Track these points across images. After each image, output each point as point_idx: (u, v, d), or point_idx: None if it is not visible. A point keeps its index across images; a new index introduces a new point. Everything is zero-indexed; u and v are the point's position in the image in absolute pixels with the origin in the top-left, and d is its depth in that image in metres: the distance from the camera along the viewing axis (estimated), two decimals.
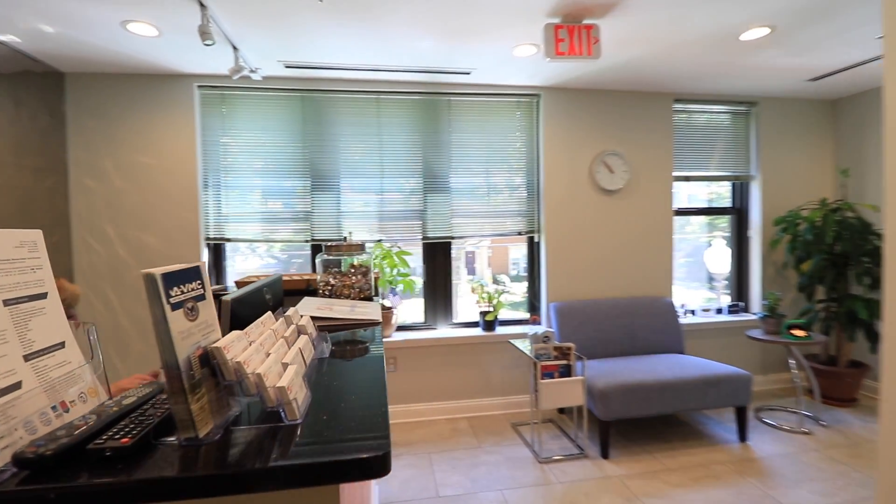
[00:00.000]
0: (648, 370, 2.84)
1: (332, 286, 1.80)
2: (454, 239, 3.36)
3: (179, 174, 3.00)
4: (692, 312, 3.77)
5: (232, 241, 3.14)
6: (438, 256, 3.43)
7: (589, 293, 3.48)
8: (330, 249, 1.87)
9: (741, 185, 3.86)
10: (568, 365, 2.72)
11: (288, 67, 2.86)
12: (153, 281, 0.64)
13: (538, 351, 2.72)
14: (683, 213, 3.82)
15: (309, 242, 3.19)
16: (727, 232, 3.94)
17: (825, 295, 3.46)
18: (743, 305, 3.85)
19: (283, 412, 0.72)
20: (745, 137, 3.75)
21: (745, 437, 2.86)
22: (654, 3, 2.17)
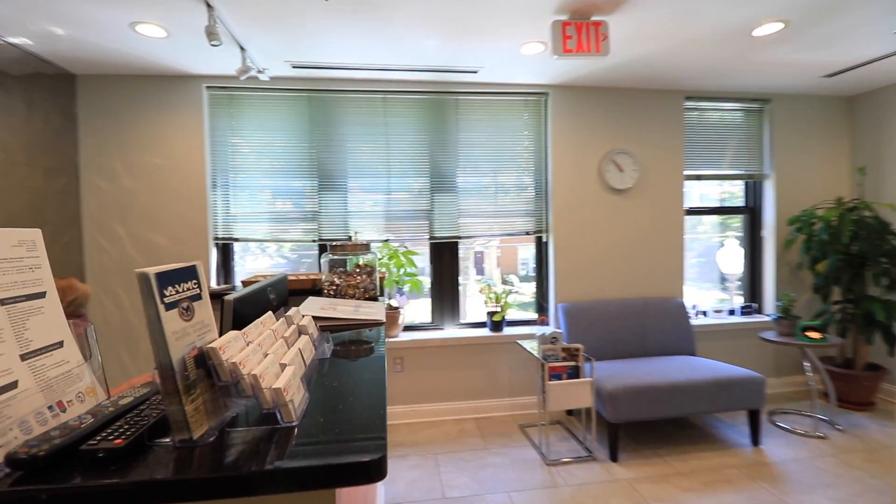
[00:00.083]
0: (659, 372, 2.79)
1: (336, 286, 1.79)
2: (461, 239, 3.35)
3: (188, 174, 3.02)
4: (704, 313, 3.71)
5: (240, 240, 3.15)
6: (445, 256, 3.41)
7: (598, 294, 3.44)
8: (335, 249, 1.87)
9: (754, 183, 3.79)
10: (576, 366, 2.68)
11: (295, 68, 2.87)
12: (147, 280, 0.63)
13: (546, 352, 2.69)
14: (695, 212, 3.76)
15: (316, 242, 3.20)
16: (740, 232, 3.87)
17: (841, 296, 3.38)
18: (756, 307, 3.78)
19: (279, 414, 0.71)
20: (758, 135, 3.68)
21: (757, 441, 2.80)
22: None
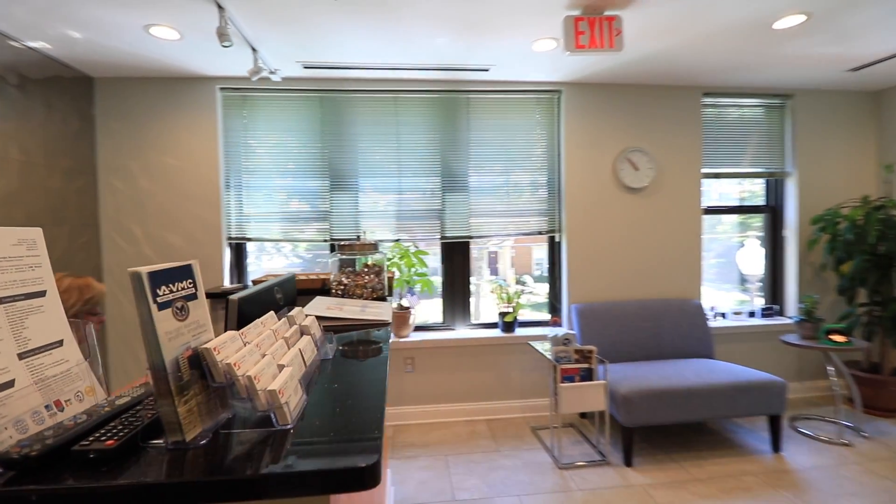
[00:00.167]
0: (675, 375, 2.73)
1: (344, 286, 1.78)
2: (472, 238, 3.32)
3: (202, 175, 3.05)
4: (722, 315, 3.61)
5: (252, 240, 3.18)
6: (457, 256, 3.39)
7: (612, 295, 3.37)
8: (343, 249, 1.86)
9: (776, 182, 3.68)
10: (589, 368, 2.63)
11: (306, 68, 2.88)
12: (139, 279, 0.62)
13: (558, 353, 2.65)
14: (713, 211, 3.66)
15: (328, 242, 3.20)
16: (761, 231, 3.76)
17: (867, 298, 3.26)
18: (777, 309, 3.66)
19: (273, 417, 0.70)
20: (779, 132, 3.57)
21: (778, 447, 2.71)
22: None
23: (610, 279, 3.37)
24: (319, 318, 1.23)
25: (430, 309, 3.51)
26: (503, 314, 3.31)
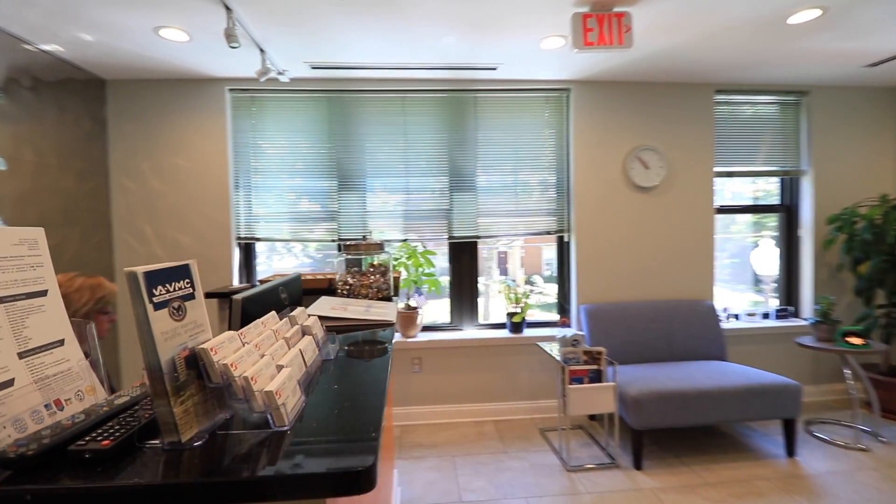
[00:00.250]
0: (686, 377, 2.68)
1: (350, 286, 1.78)
2: (480, 238, 3.30)
3: (212, 175, 3.08)
4: (735, 317, 3.54)
5: (261, 240, 3.19)
6: (465, 256, 3.37)
7: (622, 295, 3.33)
8: (349, 249, 1.86)
9: (790, 180, 3.60)
10: (598, 370, 2.60)
11: (314, 69, 2.88)
12: (135, 279, 0.62)
13: (566, 355, 2.62)
14: (726, 210, 3.60)
15: (336, 242, 3.21)
16: (775, 231, 3.69)
17: (886, 300, 3.18)
18: (792, 310, 3.59)
19: (270, 418, 0.69)
20: (794, 129, 3.50)
21: (793, 451, 2.65)
22: None
23: (620, 279, 3.33)
24: (322, 318, 1.22)
25: (437, 309, 3.50)
26: (511, 314, 3.28)
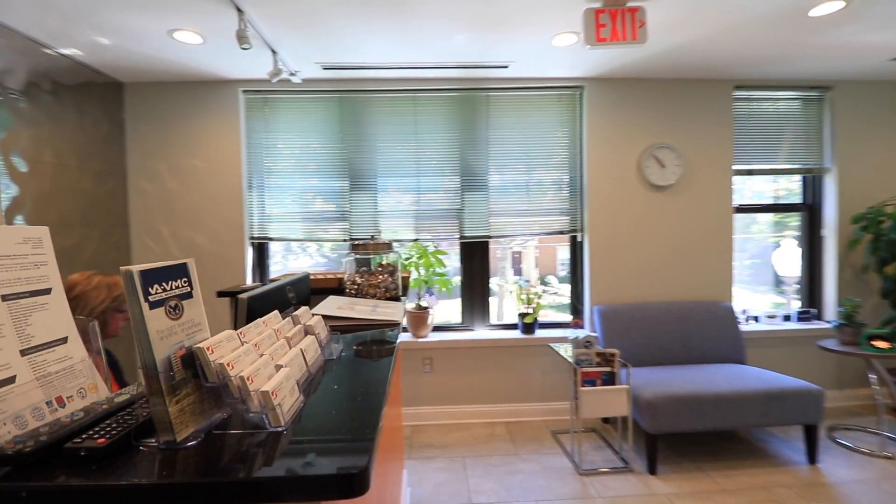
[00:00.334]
0: (703, 381, 2.62)
1: (358, 285, 1.77)
2: (492, 238, 3.28)
3: (226, 176, 3.12)
4: (755, 319, 3.45)
5: (274, 240, 3.22)
6: (476, 256, 3.35)
7: (637, 296, 3.27)
8: (357, 248, 1.85)
9: (813, 178, 3.49)
10: (611, 372, 2.56)
11: (325, 69, 2.90)
12: (130, 278, 0.62)
13: (579, 356, 2.58)
14: (745, 209, 3.50)
15: (348, 242, 3.22)
16: (798, 231, 3.58)
17: None
18: (815, 312, 3.48)
19: (266, 419, 0.68)
20: (817, 126, 3.39)
21: (814, 458, 2.57)
22: None
23: (634, 280, 3.27)
24: (327, 317, 1.22)
25: (449, 309, 3.49)
26: (522, 315, 3.25)
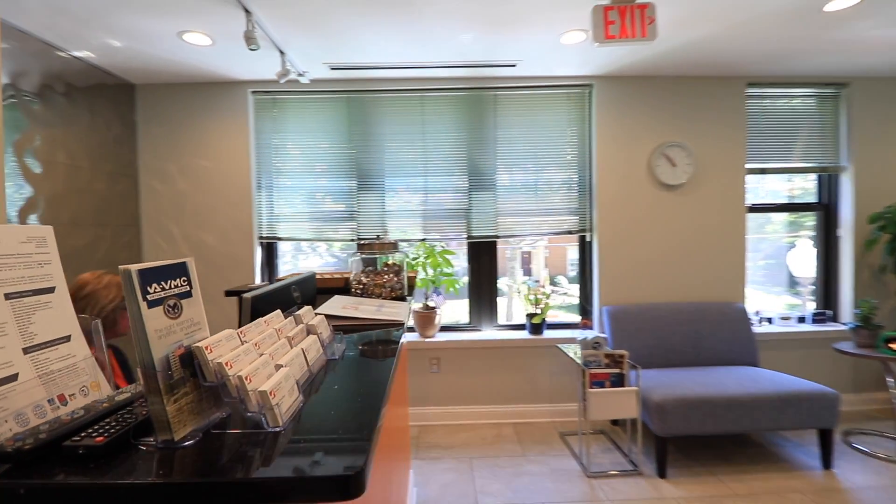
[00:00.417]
0: (714, 383, 2.58)
1: (363, 285, 1.77)
2: (499, 238, 3.26)
3: (235, 176, 3.14)
4: (769, 320, 3.39)
5: (282, 239, 3.24)
6: (484, 256, 3.33)
7: (647, 297, 3.23)
8: (363, 248, 1.85)
9: (829, 177, 3.42)
10: (620, 374, 2.53)
11: (333, 69, 2.91)
12: (128, 277, 0.62)
13: (587, 357, 2.56)
14: (759, 209, 3.44)
15: (355, 241, 3.23)
16: (813, 231, 3.50)
17: None
18: (830, 314, 3.40)
19: (264, 419, 0.68)
20: (833, 123, 3.32)
21: (829, 463, 2.51)
22: None
23: (644, 281, 3.23)
24: (330, 317, 1.22)
25: (456, 309, 3.48)
26: (530, 315, 3.23)
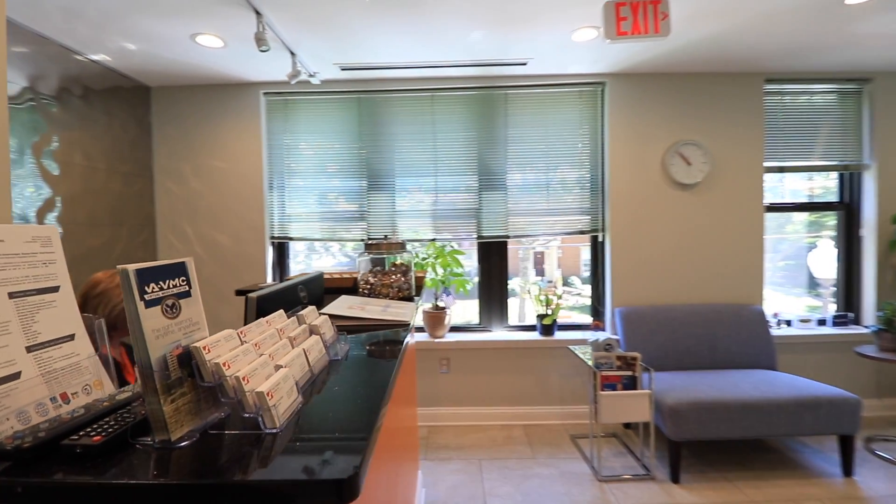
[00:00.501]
0: (730, 387, 2.52)
1: (371, 285, 1.77)
2: (510, 238, 3.23)
3: (247, 177, 3.17)
4: (787, 323, 3.30)
5: (294, 239, 3.26)
6: (494, 256, 3.31)
7: (660, 298, 3.17)
8: (371, 248, 1.85)
9: (850, 176, 3.32)
10: (633, 376, 2.48)
11: (344, 70, 2.91)
12: (126, 277, 0.62)
13: (599, 359, 2.52)
14: (777, 208, 3.36)
15: (365, 241, 3.23)
16: (835, 231, 3.40)
17: None
18: (852, 316, 3.30)
19: (261, 420, 0.68)
20: (855, 120, 3.22)
21: (850, 470, 2.43)
22: None
23: (658, 281, 3.17)
24: (335, 317, 1.21)
25: (466, 310, 3.46)
26: (541, 316, 3.20)
